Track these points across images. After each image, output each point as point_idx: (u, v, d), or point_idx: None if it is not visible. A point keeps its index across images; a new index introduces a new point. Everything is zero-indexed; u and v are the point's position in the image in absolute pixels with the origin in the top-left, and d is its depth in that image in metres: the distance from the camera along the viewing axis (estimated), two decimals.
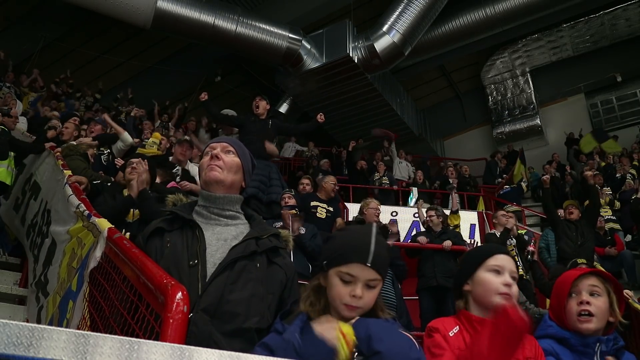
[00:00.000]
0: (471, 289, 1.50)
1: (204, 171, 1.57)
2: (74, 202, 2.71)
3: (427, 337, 1.46)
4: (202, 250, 1.42)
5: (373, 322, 1.21)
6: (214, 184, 1.54)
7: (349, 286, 1.24)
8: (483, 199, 9.16)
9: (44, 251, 3.05)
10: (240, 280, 1.38)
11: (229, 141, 1.65)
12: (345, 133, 12.51)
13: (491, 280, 1.46)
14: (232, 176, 1.57)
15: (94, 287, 1.82)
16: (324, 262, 1.30)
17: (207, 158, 1.58)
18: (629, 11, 11.18)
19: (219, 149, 1.59)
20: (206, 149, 1.63)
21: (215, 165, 1.55)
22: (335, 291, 1.25)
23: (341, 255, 1.27)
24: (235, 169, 1.59)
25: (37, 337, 0.64)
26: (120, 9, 8.77)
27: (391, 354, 1.14)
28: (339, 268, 1.25)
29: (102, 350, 0.66)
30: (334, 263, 1.26)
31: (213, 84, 12.56)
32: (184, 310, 1.14)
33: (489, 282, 1.45)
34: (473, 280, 1.49)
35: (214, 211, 1.53)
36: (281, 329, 1.23)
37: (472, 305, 1.49)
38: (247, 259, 1.42)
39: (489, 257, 1.49)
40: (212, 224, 1.51)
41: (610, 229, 7.17)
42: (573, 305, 1.56)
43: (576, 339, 1.55)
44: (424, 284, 4.80)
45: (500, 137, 13.37)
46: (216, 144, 1.61)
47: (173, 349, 0.71)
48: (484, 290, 1.45)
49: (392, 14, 9.70)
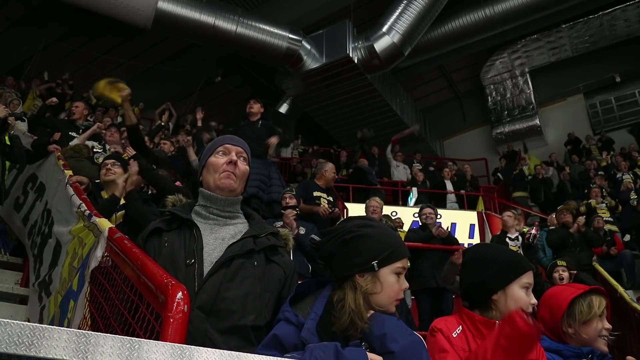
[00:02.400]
0: (499, 299, 1.45)
1: (218, 175, 1.53)
2: (76, 202, 2.72)
3: (430, 337, 1.46)
4: (199, 249, 1.42)
5: (388, 319, 1.21)
6: (227, 191, 1.53)
7: (400, 281, 1.28)
8: (483, 199, 9.16)
9: (48, 252, 3.05)
10: (237, 278, 1.38)
11: (243, 146, 1.62)
12: (345, 133, 12.50)
13: (524, 298, 1.44)
14: (242, 184, 1.58)
15: (94, 286, 1.83)
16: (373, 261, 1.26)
17: (223, 160, 1.55)
18: (628, 12, 11.17)
19: (235, 154, 1.57)
20: (218, 148, 1.59)
21: (233, 173, 1.54)
22: (393, 290, 1.26)
23: (395, 251, 1.29)
24: (245, 177, 1.60)
25: (38, 336, 0.64)
26: (121, 9, 8.77)
27: (404, 354, 1.14)
28: (395, 265, 1.27)
29: (103, 349, 0.67)
30: (389, 260, 1.27)
31: (213, 84, 12.56)
32: (185, 309, 1.15)
33: (522, 300, 1.43)
34: (506, 293, 1.45)
35: (214, 211, 1.52)
36: (294, 320, 1.22)
37: (497, 315, 1.45)
38: (244, 257, 1.42)
39: (525, 272, 1.47)
40: (210, 224, 1.51)
41: (609, 230, 7.17)
42: (600, 327, 1.62)
43: (570, 350, 1.59)
44: (423, 285, 4.65)
45: (499, 137, 13.36)
46: (231, 147, 1.59)
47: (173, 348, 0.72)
48: (517, 307, 1.38)
49: (392, 14, 9.70)
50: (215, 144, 1.62)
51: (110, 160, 3.20)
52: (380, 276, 1.25)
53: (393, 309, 1.27)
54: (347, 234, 1.31)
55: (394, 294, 1.27)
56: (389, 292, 1.26)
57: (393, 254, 1.28)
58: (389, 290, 1.26)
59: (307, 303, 1.29)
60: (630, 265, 6.54)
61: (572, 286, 1.80)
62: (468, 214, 8.15)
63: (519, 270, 1.47)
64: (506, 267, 1.48)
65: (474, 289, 1.51)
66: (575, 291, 1.68)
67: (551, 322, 1.66)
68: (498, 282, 1.46)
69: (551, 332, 1.65)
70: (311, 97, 11.22)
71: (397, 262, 1.28)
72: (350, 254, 1.28)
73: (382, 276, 1.26)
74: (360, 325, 1.18)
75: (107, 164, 3.16)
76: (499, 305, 1.45)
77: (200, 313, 1.30)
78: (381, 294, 1.25)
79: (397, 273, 1.28)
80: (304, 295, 1.33)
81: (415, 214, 7.45)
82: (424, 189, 9.14)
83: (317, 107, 11.69)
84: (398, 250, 1.30)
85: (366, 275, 1.26)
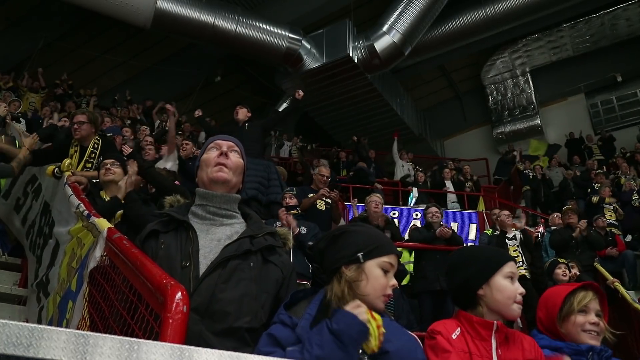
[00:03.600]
0: (485, 293, 1.48)
1: (210, 168, 1.52)
2: (74, 202, 2.71)
3: (429, 339, 1.46)
4: (195, 252, 1.40)
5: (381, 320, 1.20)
6: (220, 184, 1.51)
7: (387, 277, 1.28)
8: (483, 199, 9.16)
9: (47, 252, 3.05)
10: (232, 279, 1.37)
11: (234, 140, 1.62)
12: (345, 133, 12.51)
13: (511, 288, 1.47)
14: (236, 177, 1.56)
15: (93, 287, 1.81)
16: (359, 254, 1.28)
17: (214, 155, 1.54)
18: (629, 11, 11.18)
19: (226, 148, 1.56)
20: (210, 145, 1.59)
21: (224, 164, 1.52)
22: (378, 282, 1.26)
23: (381, 246, 1.30)
24: (240, 170, 1.58)
25: (37, 337, 0.64)
26: (120, 9, 8.77)
27: (399, 354, 1.14)
28: (381, 259, 1.28)
29: (102, 350, 0.66)
30: (375, 254, 1.28)
31: (213, 84, 12.57)
32: (184, 310, 1.14)
33: (508, 290, 1.47)
34: (490, 285, 1.48)
35: (211, 210, 1.50)
36: (289, 322, 1.22)
37: (486, 310, 1.48)
38: (240, 258, 1.40)
39: (505, 263, 1.51)
40: (207, 224, 1.49)
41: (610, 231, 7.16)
42: (581, 320, 1.63)
43: (570, 348, 1.60)
44: (426, 287, 4.55)
45: (500, 137, 13.37)
46: (222, 142, 1.58)
47: (173, 349, 0.71)
48: (503, 297, 1.46)
49: (392, 14, 9.71)
50: (207, 143, 1.63)
51: (109, 160, 3.20)
52: (366, 268, 1.27)
53: (381, 304, 1.26)
54: (337, 231, 1.37)
55: (379, 287, 1.26)
56: (374, 283, 1.26)
57: (379, 248, 1.30)
58: (374, 282, 1.26)
59: (301, 307, 1.29)
60: (632, 266, 6.52)
61: (568, 285, 1.82)
62: (468, 213, 8.15)
63: (499, 261, 1.51)
64: (486, 261, 1.52)
65: (460, 290, 1.54)
66: (568, 288, 1.70)
67: (548, 321, 1.67)
68: (480, 277, 1.49)
69: (550, 332, 1.66)
70: (311, 96, 11.20)
71: (383, 257, 1.29)
72: (338, 248, 1.32)
73: (368, 268, 1.27)
74: None
75: (107, 164, 3.16)
76: (486, 300, 1.47)
77: (195, 315, 1.28)
78: (366, 285, 1.25)
79: (383, 268, 1.28)
80: (299, 300, 1.33)
81: (416, 213, 7.45)
82: (424, 188, 9.14)
83: (317, 107, 11.70)
84: (385, 246, 1.32)
85: (352, 266, 1.28)
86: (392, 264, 1.30)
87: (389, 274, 1.29)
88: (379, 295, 1.26)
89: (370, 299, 1.25)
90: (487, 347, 1.42)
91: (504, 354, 1.42)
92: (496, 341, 1.43)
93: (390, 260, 1.30)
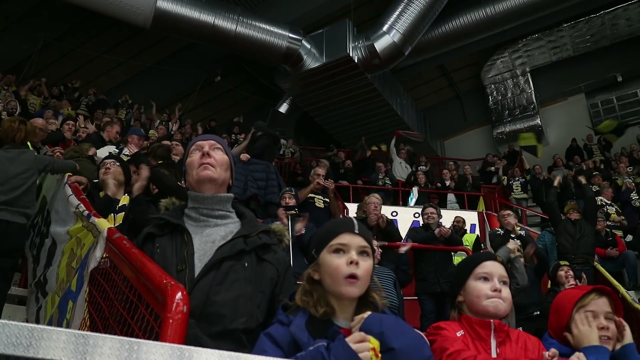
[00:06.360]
0: (464, 299, 1.56)
1: (195, 170, 1.52)
2: (74, 202, 2.71)
3: (434, 334, 1.47)
4: (190, 255, 1.40)
5: (386, 317, 1.19)
6: (207, 182, 1.51)
7: (344, 256, 1.23)
8: (483, 198, 9.16)
9: (44, 252, 3.05)
10: (227, 280, 1.36)
11: (215, 138, 1.62)
12: (345, 133, 12.51)
13: (481, 287, 1.52)
14: (223, 174, 1.55)
15: (93, 287, 1.81)
16: (313, 251, 1.28)
17: (197, 156, 1.54)
18: (630, 11, 11.18)
19: (208, 147, 1.56)
20: (192, 148, 1.59)
21: (208, 163, 1.52)
22: (332, 266, 1.22)
23: (328, 232, 1.28)
24: (226, 166, 1.57)
25: (37, 337, 0.64)
26: (120, 8, 8.76)
27: (405, 350, 1.12)
28: (329, 244, 1.25)
29: (102, 350, 0.66)
30: (324, 243, 1.26)
31: (213, 84, 12.57)
32: (184, 310, 1.14)
33: (479, 290, 1.52)
34: (465, 290, 1.56)
35: (204, 212, 1.50)
36: (285, 320, 1.21)
37: (470, 314, 1.53)
38: (234, 259, 1.39)
39: (476, 266, 1.57)
40: (201, 226, 1.48)
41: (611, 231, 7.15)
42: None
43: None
44: (426, 289, 4.54)
45: (500, 137, 13.37)
46: (203, 142, 1.58)
47: (173, 349, 0.71)
48: (475, 297, 1.52)
49: (392, 13, 9.71)
50: (189, 146, 1.63)
51: (109, 160, 3.20)
52: (321, 261, 1.25)
53: (348, 289, 1.21)
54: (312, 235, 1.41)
55: (332, 270, 1.22)
56: (327, 270, 1.23)
57: (327, 235, 1.27)
58: (327, 268, 1.23)
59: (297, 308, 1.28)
60: (632, 266, 6.50)
61: (578, 289, 1.80)
62: (468, 214, 8.13)
63: (469, 267, 1.59)
64: (459, 271, 1.65)
65: (451, 300, 1.64)
66: (578, 293, 1.68)
67: (558, 328, 1.66)
68: (456, 286, 1.60)
69: (560, 339, 1.65)
70: (311, 96, 11.22)
71: (331, 241, 1.25)
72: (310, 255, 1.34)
73: (321, 260, 1.25)
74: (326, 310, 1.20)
75: (107, 164, 3.16)
76: (467, 304, 1.54)
77: (190, 319, 1.27)
78: (324, 277, 1.24)
79: (335, 250, 1.24)
80: None
81: (416, 213, 7.44)
82: (424, 189, 9.14)
83: (317, 107, 11.70)
84: (331, 231, 1.27)
85: (315, 267, 1.27)
86: (342, 243, 1.24)
87: (344, 254, 1.24)
88: (338, 278, 1.21)
89: (332, 288, 1.22)
90: (486, 347, 1.44)
91: (505, 354, 1.42)
92: (496, 341, 1.44)
93: (338, 241, 1.24)
